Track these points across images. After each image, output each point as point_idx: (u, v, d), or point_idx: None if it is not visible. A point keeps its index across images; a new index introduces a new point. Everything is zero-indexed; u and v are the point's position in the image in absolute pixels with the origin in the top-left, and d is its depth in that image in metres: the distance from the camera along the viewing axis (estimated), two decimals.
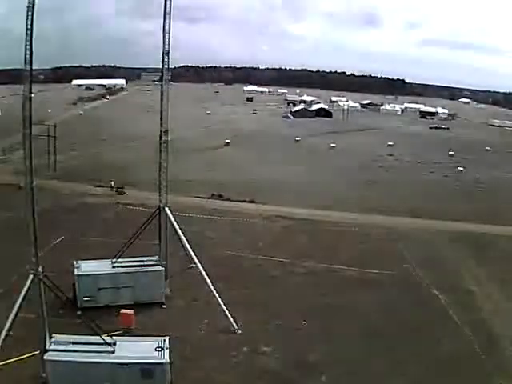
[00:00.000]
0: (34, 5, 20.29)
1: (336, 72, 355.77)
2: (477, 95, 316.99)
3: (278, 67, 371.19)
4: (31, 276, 22.61)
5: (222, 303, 29.93)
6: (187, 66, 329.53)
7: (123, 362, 22.48)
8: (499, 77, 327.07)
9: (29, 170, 21.87)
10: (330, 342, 28.73)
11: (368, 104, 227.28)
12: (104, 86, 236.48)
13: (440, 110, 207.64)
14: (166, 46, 29.19)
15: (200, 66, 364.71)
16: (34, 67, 20.80)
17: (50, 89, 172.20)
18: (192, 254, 32.02)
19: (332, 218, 53.03)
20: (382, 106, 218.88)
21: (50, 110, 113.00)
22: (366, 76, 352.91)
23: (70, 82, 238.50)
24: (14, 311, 22.77)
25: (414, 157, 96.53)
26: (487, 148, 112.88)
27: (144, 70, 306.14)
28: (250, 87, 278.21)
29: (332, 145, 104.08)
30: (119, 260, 32.23)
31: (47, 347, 22.84)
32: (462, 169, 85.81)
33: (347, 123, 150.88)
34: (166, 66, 29.86)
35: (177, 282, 33.77)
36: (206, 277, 30.78)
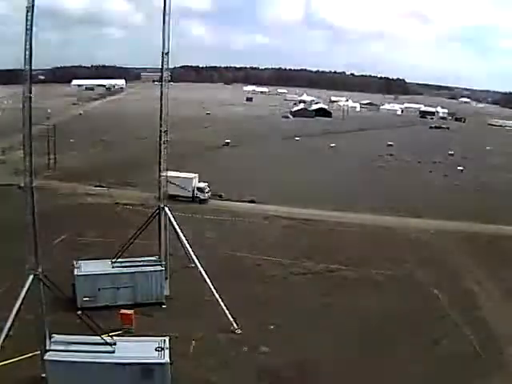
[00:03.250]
0: (33, 5, 20.26)
1: (336, 72, 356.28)
2: (476, 95, 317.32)
3: (277, 67, 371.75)
4: (31, 276, 22.59)
5: (221, 303, 29.93)
6: (187, 66, 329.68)
7: (123, 362, 22.46)
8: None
9: (29, 169, 21.83)
10: (329, 342, 28.70)
11: (368, 104, 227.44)
12: (104, 86, 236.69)
13: (440, 109, 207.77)
14: (166, 46, 29.17)
15: (200, 66, 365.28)
16: (33, 67, 20.75)
17: (49, 89, 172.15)
18: (192, 253, 32.03)
19: (332, 217, 53.02)
20: (381, 105, 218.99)
21: (49, 110, 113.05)
22: (365, 76, 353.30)
23: (70, 82, 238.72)
24: (14, 311, 22.75)
25: (414, 156, 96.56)
26: (487, 148, 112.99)
27: (144, 70, 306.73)
28: (250, 87, 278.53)
29: (332, 145, 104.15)
30: (119, 260, 32.24)
31: (47, 347, 22.82)
32: (461, 168, 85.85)
33: (347, 123, 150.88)
34: (165, 66, 29.87)
35: (177, 282, 33.76)
36: (206, 277, 30.79)
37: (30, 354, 24.41)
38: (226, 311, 29.76)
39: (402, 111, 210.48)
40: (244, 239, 45.42)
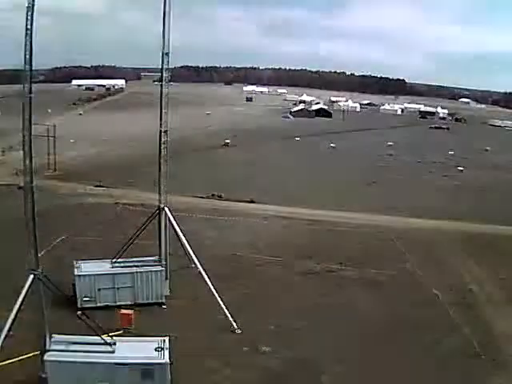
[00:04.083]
0: (33, 5, 20.26)
1: (336, 72, 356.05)
2: (476, 95, 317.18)
3: (277, 67, 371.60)
4: (31, 276, 22.60)
5: (221, 303, 29.93)
6: (187, 66, 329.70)
7: (123, 362, 22.47)
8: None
9: (28, 169, 21.83)
10: (330, 342, 28.71)
11: (368, 104, 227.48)
12: (104, 86, 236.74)
13: (440, 110, 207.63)
14: (166, 47, 29.17)
15: (200, 66, 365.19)
16: (33, 67, 20.74)
17: (49, 89, 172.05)
18: (192, 253, 32.03)
19: (332, 217, 53.01)
20: (381, 106, 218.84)
21: (49, 110, 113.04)
22: (366, 76, 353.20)
23: (70, 82, 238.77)
24: (14, 311, 22.76)
25: (414, 157, 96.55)
26: (487, 148, 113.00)
27: (144, 70, 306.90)
28: (250, 87, 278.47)
29: (332, 145, 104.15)
30: (119, 260, 32.24)
31: (47, 347, 22.83)
32: (461, 169, 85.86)
33: (347, 123, 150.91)
34: (165, 67, 29.86)
35: (177, 282, 33.77)
36: (206, 277, 30.79)
37: (30, 354, 24.42)
38: (226, 311, 29.76)
39: (402, 111, 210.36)
40: (244, 239, 45.43)
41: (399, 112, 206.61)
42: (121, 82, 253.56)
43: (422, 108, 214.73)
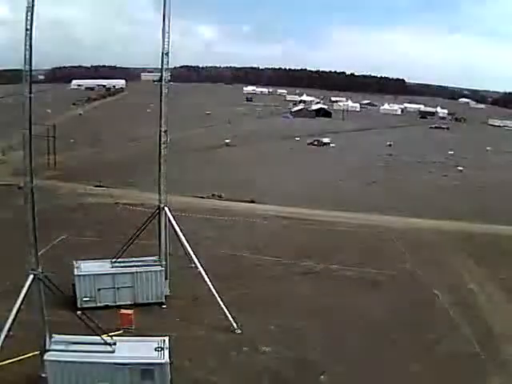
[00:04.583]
0: (33, 5, 20.25)
1: (336, 72, 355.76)
2: (476, 95, 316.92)
3: (277, 67, 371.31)
4: (31, 276, 22.60)
5: (221, 303, 29.92)
6: (187, 66, 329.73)
7: (123, 362, 22.46)
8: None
9: (29, 170, 21.84)
10: (330, 342, 28.71)
11: (368, 104, 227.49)
12: (104, 86, 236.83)
13: (439, 110, 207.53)
14: (166, 47, 29.19)
15: (200, 66, 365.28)
16: (33, 67, 20.74)
17: (49, 89, 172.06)
18: (192, 253, 32.02)
19: (332, 217, 53.02)
20: (381, 106, 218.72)
21: (49, 111, 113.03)
22: (366, 76, 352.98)
23: (70, 82, 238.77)
24: (13, 311, 22.75)
25: (414, 156, 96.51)
26: (487, 148, 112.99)
27: (144, 70, 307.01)
28: (250, 87, 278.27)
29: (332, 145, 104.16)
30: (119, 260, 32.23)
31: (47, 347, 22.83)
32: (461, 168, 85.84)
33: (346, 123, 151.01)
34: (165, 67, 29.87)
35: (177, 282, 33.77)
36: (206, 277, 30.78)
37: (30, 354, 24.41)
38: (226, 311, 29.75)
39: (402, 111, 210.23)
40: (244, 239, 45.43)
41: (399, 112, 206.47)
42: (121, 82, 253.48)
43: (422, 108, 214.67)
